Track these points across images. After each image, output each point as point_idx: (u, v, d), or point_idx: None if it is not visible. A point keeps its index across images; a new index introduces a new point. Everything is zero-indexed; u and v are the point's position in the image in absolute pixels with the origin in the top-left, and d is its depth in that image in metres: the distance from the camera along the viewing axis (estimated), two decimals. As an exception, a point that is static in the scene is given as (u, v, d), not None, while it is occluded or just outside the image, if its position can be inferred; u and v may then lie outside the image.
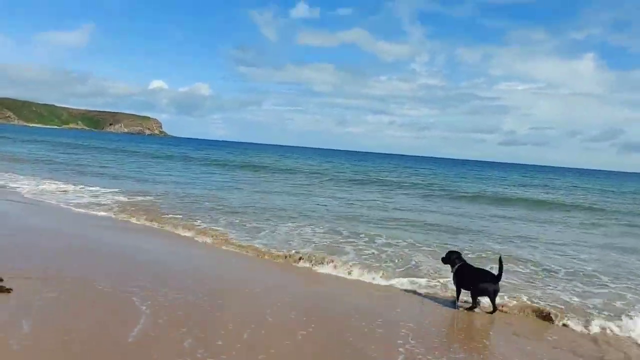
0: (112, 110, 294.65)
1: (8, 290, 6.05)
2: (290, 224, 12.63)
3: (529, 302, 7.18)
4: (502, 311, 6.82)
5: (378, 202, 20.00)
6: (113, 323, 5.03)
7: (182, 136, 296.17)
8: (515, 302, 7.16)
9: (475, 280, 6.82)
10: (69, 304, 5.51)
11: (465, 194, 26.42)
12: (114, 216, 12.25)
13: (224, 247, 9.70)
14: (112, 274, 6.86)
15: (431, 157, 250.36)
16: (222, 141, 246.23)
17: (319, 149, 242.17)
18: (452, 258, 7.19)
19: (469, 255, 10.19)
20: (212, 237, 10.46)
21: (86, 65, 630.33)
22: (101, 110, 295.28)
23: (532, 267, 9.51)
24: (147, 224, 11.61)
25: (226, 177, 29.18)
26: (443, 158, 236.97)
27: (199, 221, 12.09)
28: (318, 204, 17.59)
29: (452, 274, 7.12)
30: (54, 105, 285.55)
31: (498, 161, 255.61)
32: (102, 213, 12.51)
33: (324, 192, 22.72)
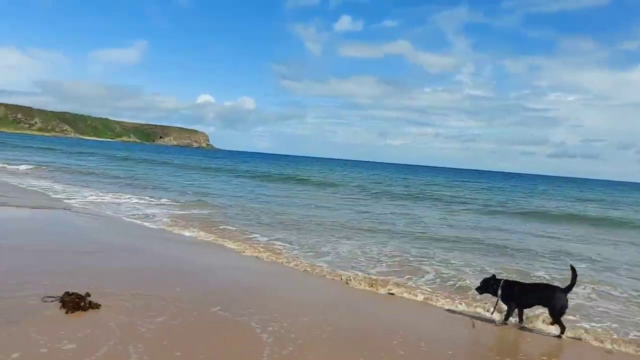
0: (163, 124, 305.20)
1: (97, 306, 5.83)
2: (352, 241, 12.17)
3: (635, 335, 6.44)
4: (599, 342, 6.11)
5: (438, 218, 19.16)
6: (236, 355, 4.61)
7: (228, 149, 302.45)
8: (616, 334, 6.44)
9: (548, 297, 6.14)
10: (182, 329, 5.12)
11: (527, 211, 25.03)
12: (174, 230, 12.10)
13: (292, 265, 9.27)
14: (213, 294, 6.56)
15: (478, 170, 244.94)
16: (266, 154, 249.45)
17: (361, 161, 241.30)
18: (489, 284, 6.61)
19: (558, 277, 9.44)
20: (278, 254, 10.11)
21: (138, 81, 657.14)
22: (152, 123, 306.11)
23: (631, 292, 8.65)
24: (218, 240, 11.23)
25: (278, 190, 29.03)
26: (490, 171, 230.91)
27: (264, 237, 11.85)
28: (378, 221, 16.99)
29: (498, 296, 6.45)
30: (107, 119, 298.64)
31: (547, 174, 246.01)
32: (168, 228, 12.41)
33: (380, 208, 22.09)
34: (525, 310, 6.51)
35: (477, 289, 6.82)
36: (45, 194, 17.30)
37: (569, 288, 6.14)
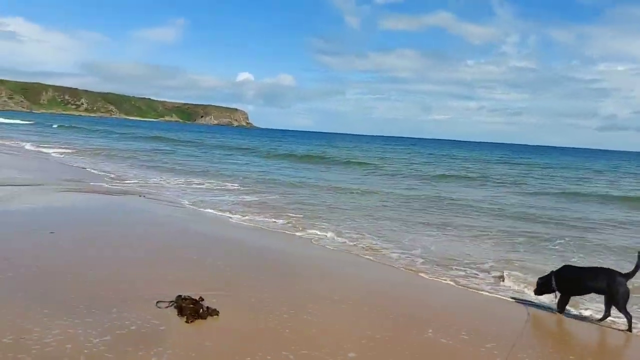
0: (203, 103, 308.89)
1: (215, 313, 5.30)
2: (435, 232, 11.24)
3: None
4: None
5: (522, 205, 17.34)
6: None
7: (267, 127, 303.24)
8: None
9: (605, 283, 5.64)
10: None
11: (604, 194, 22.70)
12: (256, 219, 11.44)
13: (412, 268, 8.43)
14: (394, 307, 5.88)
15: (525, 144, 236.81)
16: (307, 132, 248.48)
17: (404, 137, 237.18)
18: (543, 281, 6.28)
19: None
20: (373, 250, 9.29)
21: (179, 60, 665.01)
22: (193, 103, 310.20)
23: None
24: (316, 234, 10.38)
25: (339, 174, 28.09)
26: (539, 146, 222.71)
27: (354, 230, 11.07)
28: (460, 207, 15.75)
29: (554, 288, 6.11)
30: (150, 99, 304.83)
31: (597, 148, 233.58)
32: (247, 216, 11.75)
33: (450, 191, 20.88)
34: None
35: (535, 292, 6.46)
36: (111, 178, 17.13)
37: (630, 274, 5.58)
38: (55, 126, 68.80)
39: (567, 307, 6.26)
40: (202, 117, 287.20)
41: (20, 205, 10.81)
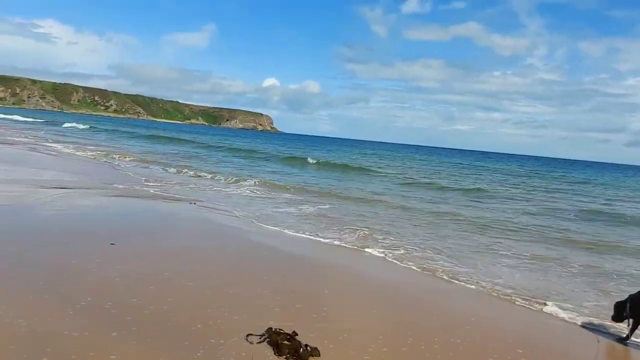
0: (229, 107, 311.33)
1: (317, 353, 4.62)
2: (511, 256, 10.34)
3: None
4: None
5: (589, 233, 16.23)
6: None
7: (291, 132, 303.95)
8: None
9: None
10: None
11: None
12: (321, 234, 10.67)
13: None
14: None
15: (550, 157, 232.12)
16: (331, 137, 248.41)
17: (427, 146, 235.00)
18: (619, 305, 5.98)
19: None
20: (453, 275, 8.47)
21: (207, 64, 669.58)
22: (219, 107, 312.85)
23: None
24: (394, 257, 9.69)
25: (382, 185, 27.29)
26: (564, 159, 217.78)
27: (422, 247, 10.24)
28: (520, 230, 14.70)
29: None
30: (177, 101, 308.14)
31: (624, 163, 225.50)
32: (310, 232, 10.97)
33: (502, 212, 19.85)
34: None
35: (612, 318, 6.09)
36: (151, 182, 16.67)
37: None
38: (65, 125, 65.47)
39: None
40: (227, 120, 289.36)
41: (75, 210, 10.33)
